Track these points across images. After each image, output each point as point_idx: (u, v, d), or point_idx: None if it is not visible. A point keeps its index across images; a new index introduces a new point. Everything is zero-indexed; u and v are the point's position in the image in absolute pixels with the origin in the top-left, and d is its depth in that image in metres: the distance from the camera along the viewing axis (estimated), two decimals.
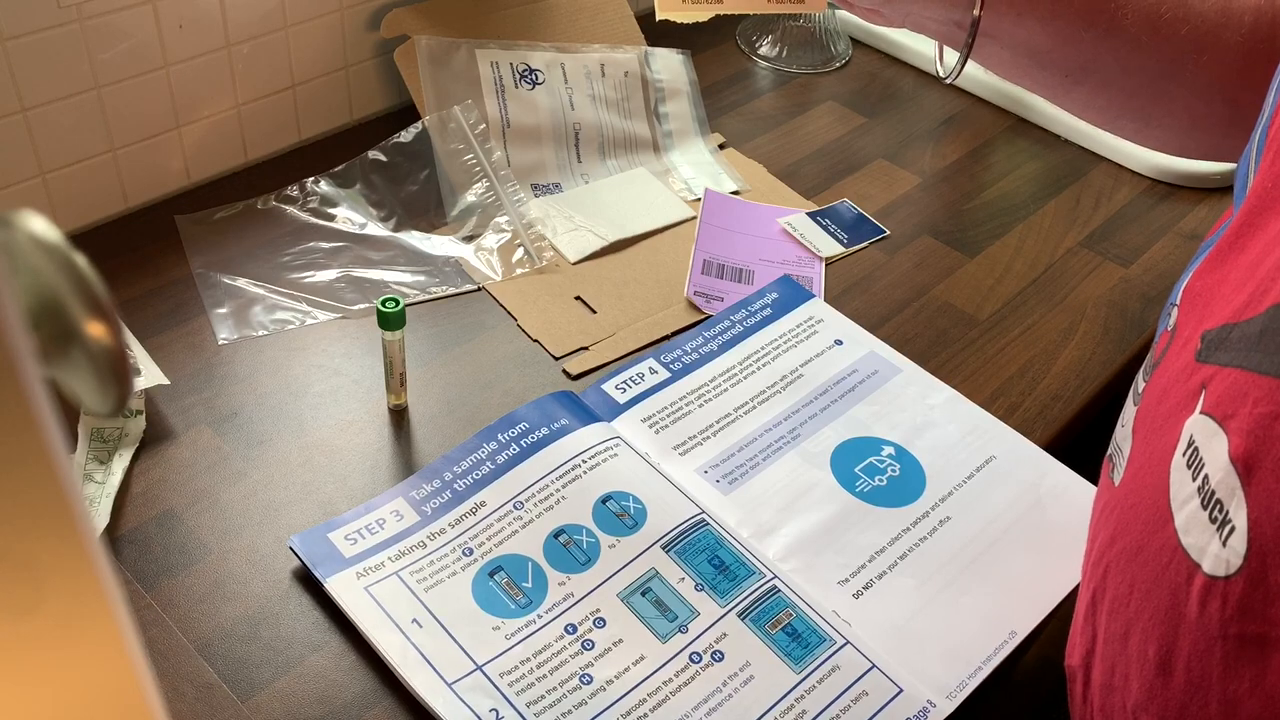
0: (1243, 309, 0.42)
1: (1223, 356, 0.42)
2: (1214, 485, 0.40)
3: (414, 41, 0.92)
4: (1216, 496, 0.40)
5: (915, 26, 0.66)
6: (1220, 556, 0.39)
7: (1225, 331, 0.42)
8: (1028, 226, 0.94)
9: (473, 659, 0.60)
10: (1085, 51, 0.60)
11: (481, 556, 0.65)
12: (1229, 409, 0.40)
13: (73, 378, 0.23)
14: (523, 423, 0.72)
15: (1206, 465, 0.41)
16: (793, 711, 0.59)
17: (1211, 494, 0.40)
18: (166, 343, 0.76)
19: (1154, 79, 0.60)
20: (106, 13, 0.77)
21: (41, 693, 0.24)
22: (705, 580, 0.64)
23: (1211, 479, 0.40)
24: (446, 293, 0.82)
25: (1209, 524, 0.40)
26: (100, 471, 0.67)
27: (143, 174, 0.86)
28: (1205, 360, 0.43)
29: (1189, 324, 0.46)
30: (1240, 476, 0.38)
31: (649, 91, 1.00)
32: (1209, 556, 0.40)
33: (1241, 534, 0.38)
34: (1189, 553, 0.42)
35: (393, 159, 0.90)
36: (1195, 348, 0.44)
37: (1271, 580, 0.37)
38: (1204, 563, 0.41)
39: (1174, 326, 0.50)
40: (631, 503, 0.68)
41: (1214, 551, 0.40)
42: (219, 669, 0.59)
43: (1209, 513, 0.40)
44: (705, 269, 0.86)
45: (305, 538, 0.64)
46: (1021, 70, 0.64)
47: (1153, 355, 0.53)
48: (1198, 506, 0.41)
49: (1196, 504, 0.41)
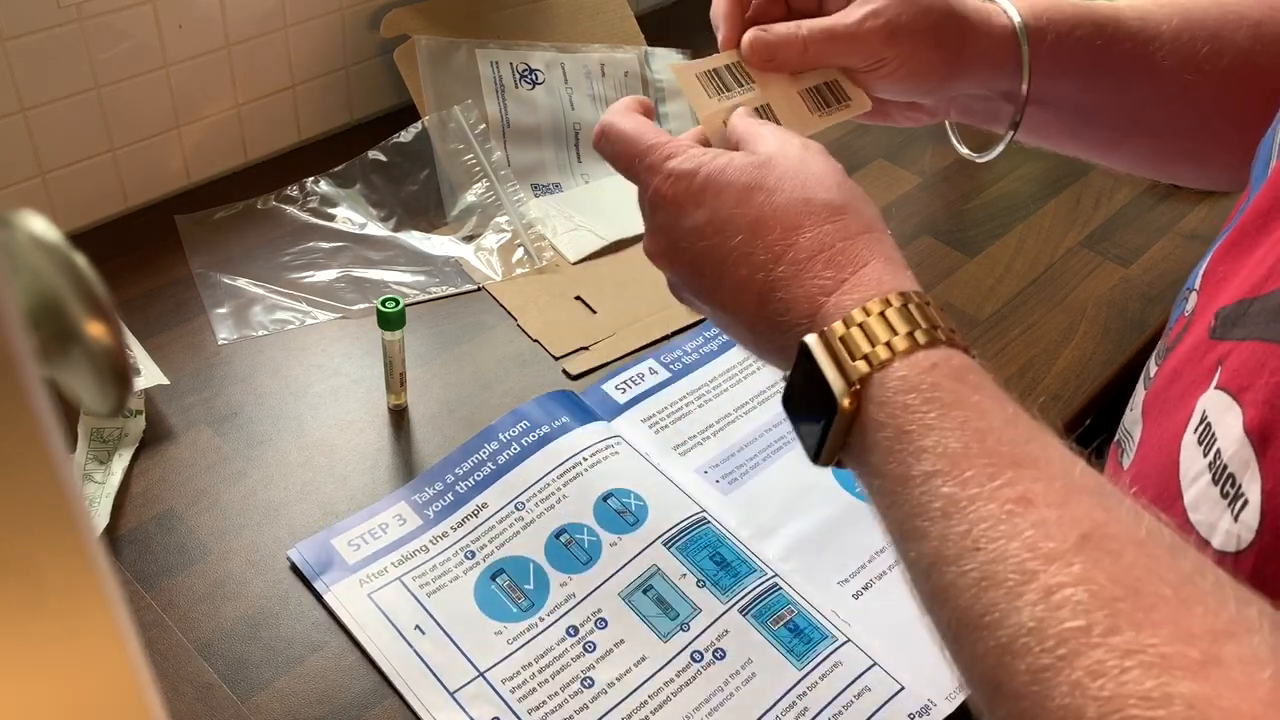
0: (1262, 283, 0.42)
1: (1239, 331, 0.41)
2: (1226, 459, 0.39)
3: (414, 41, 0.92)
4: (1229, 471, 0.39)
5: (960, 111, 0.62)
6: (1231, 532, 0.39)
7: (1242, 307, 0.42)
8: (1028, 226, 0.94)
9: (475, 665, 0.60)
10: (1130, 101, 0.58)
11: (484, 559, 0.65)
12: (1245, 381, 0.39)
13: (72, 378, 0.23)
14: (523, 422, 0.72)
15: (1219, 440, 0.40)
16: (795, 709, 0.59)
17: (1224, 469, 0.40)
18: (166, 343, 0.76)
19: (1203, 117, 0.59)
20: (106, 12, 0.77)
21: (41, 693, 0.24)
22: (707, 576, 0.64)
23: (1224, 453, 0.40)
24: (446, 293, 0.82)
25: (1220, 499, 0.40)
26: (100, 471, 0.67)
27: (143, 174, 0.86)
28: (1221, 337, 0.43)
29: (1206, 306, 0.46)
30: (1255, 448, 0.38)
31: (649, 91, 1.00)
32: (1219, 533, 0.40)
33: (1255, 508, 0.38)
34: (1198, 530, 0.41)
35: (393, 159, 0.90)
36: (1210, 325, 0.44)
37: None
38: (1214, 539, 0.40)
39: (1191, 310, 0.50)
40: (632, 500, 0.68)
41: (1224, 527, 0.39)
42: (219, 669, 0.59)
43: (1220, 488, 0.40)
44: None
45: (308, 544, 0.64)
46: (1070, 132, 0.61)
47: (1166, 339, 0.52)
48: (1208, 483, 0.41)
49: (1207, 480, 0.41)
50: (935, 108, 0.61)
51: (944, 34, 0.54)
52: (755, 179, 0.46)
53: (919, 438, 0.39)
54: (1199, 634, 0.31)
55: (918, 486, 0.38)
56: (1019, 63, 0.56)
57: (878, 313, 0.41)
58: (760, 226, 0.46)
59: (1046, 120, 0.60)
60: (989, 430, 0.38)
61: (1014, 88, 0.57)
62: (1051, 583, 0.33)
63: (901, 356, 0.40)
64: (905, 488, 0.39)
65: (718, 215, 0.47)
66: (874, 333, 0.41)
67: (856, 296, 0.42)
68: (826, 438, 0.42)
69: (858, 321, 0.41)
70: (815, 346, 0.42)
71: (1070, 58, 0.57)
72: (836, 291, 0.43)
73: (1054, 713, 0.32)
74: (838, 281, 0.43)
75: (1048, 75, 0.57)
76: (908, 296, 0.42)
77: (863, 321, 0.41)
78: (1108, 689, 0.31)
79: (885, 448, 0.40)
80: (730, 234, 0.46)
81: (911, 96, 0.58)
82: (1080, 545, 0.34)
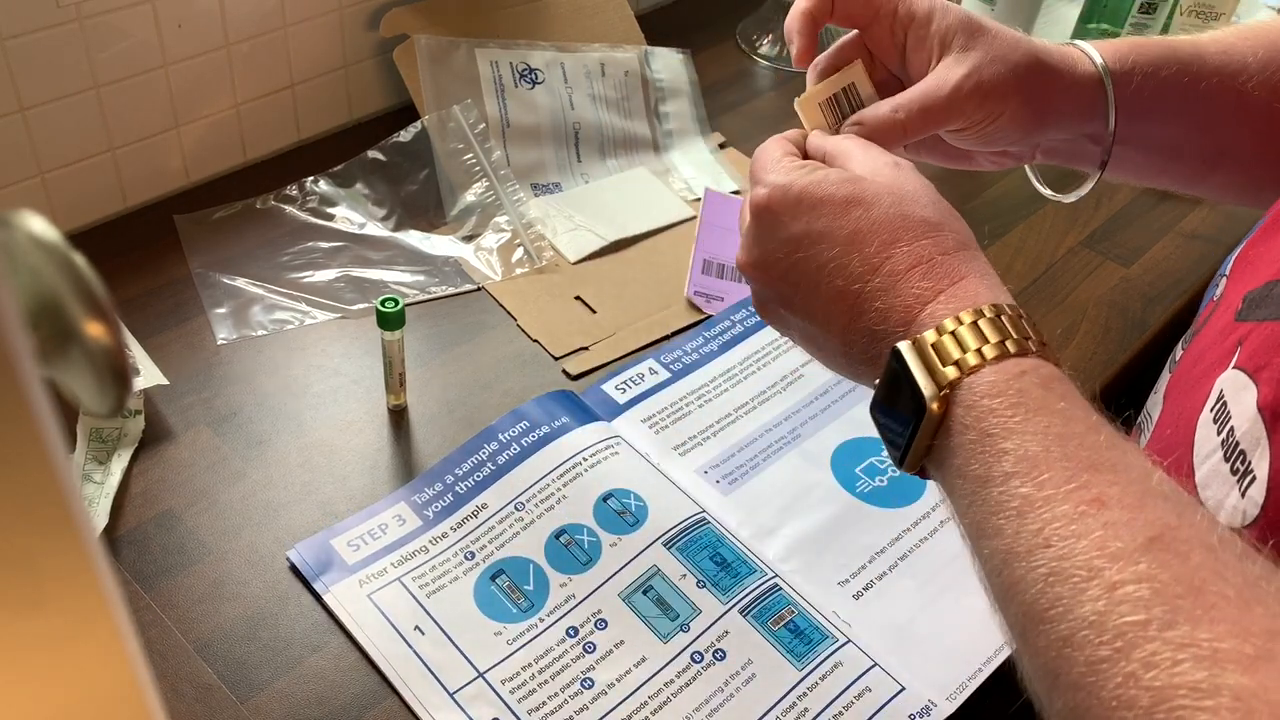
0: None
1: (1261, 313, 0.42)
2: (1239, 436, 0.40)
3: (414, 41, 0.92)
4: (1240, 448, 0.40)
5: (1046, 154, 0.62)
6: (1237, 508, 0.40)
7: (1267, 289, 0.43)
8: (1028, 226, 0.94)
9: (475, 666, 0.60)
10: (1220, 134, 0.58)
11: (483, 560, 0.65)
12: (1262, 360, 0.40)
13: (72, 378, 0.23)
14: (523, 422, 0.72)
15: (1234, 418, 0.41)
16: (795, 710, 0.59)
17: (1235, 445, 0.40)
18: (165, 343, 0.76)
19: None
20: (105, 12, 0.77)
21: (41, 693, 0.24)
22: (707, 577, 0.64)
23: (1237, 430, 0.40)
24: (446, 293, 0.82)
25: (1229, 476, 0.40)
26: (99, 472, 0.66)
27: (142, 174, 0.86)
28: (1244, 319, 0.43)
29: (1234, 290, 0.46)
30: (1267, 425, 0.39)
31: (649, 91, 1.00)
32: (1225, 510, 0.41)
33: (1261, 483, 0.38)
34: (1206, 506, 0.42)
35: (392, 159, 0.90)
36: (1236, 309, 0.45)
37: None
38: (1220, 516, 0.41)
39: (1220, 294, 0.50)
40: (632, 500, 0.67)
41: (1231, 504, 0.40)
42: (218, 669, 0.59)
43: (1230, 464, 0.41)
44: (705, 269, 0.86)
45: (307, 544, 0.64)
46: (1157, 168, 0.61)
47: (1195, 324, 0.52)
48: (1220, 459, 0.41)
49: (1219, 457, 0.41)
50: (1021, 153, 0.61)
51: (1032, 88, 0.54)
52: (852, 193, 0.47)
53: (1001, 440, 0.40)
54: (1256, 632, 0.32)
55: (996, 486, 0.39)
56: (1105, 106, 0.56)
57: (970, 322, 0.42)
58: (857, 239, 0.46)
59: (1133, 158, 0.59)
60: (1070, 435, 0.39)
61: (1100, 130, 0.57)
62: (1115, 579, 0.34)
63: (991, 363, 0.41)
64: (985, 488, 0.40)
65: (814, 227, 0.47)
66: (965, 340, 0.42)
67: (952, 307, 0.44)
68: (913, 442, 0.43)
69: (950, 330, 0.42)
70: (908, 352, 0.43)
71: (1157, 98, 0.56)
72: (932, 302, 0.44)
73: (1107, 703, 0.33)
74: (934, 292, 0.44)
75: (1134, 116, 0.57)
76: (1000, 308, 0.43)
77: (955, 330, 0.42)
78: (1160, 680, 0.32)
79: (969, 450, 0.41)
80: (827, 246, 0.47)
81: (1001, 146, 0.58)
82: (1148, 546, 0.35)
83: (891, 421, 0.45)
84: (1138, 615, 0.33)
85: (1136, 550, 0.35)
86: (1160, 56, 0.57)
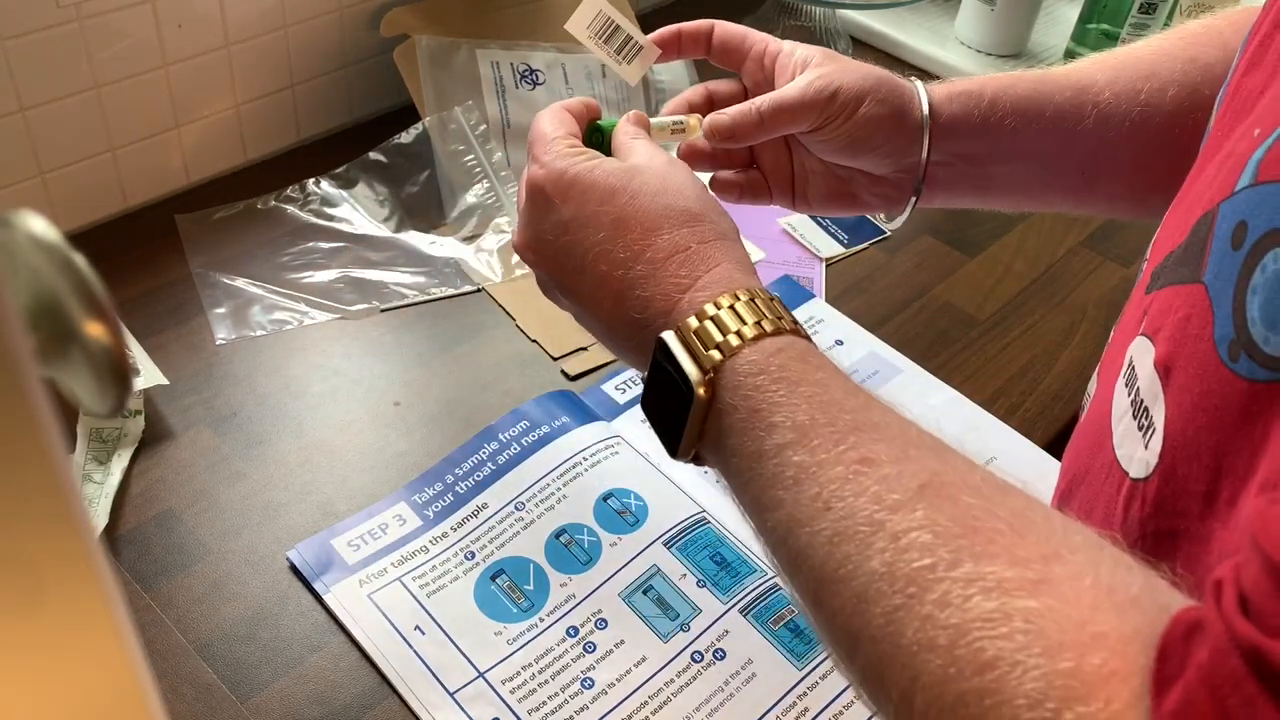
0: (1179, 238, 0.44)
1: (1159, 282, 0.44)
2: (1143, 395, 0.42)
3: (414, 41, 0.92)
4: (1145, 405, 0.42)
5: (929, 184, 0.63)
6: (1143, 459, 0.42)
7: (1165, 262, 0.45)
8: (1028, 226, 0.94)
9: (475, 666, 0.60)
10: (1086, 142, 0.60)
11: (484, 560, 0.65)
12: (1159, 323, 0.42)
13: (72, 378, 0.23)
14: (523, 422, 0.72)
15: (1139, 379, 0.43)
16: (795, 710, 0.59)
17: (1140, 403, 0.42)
18: (165, 343, 0.76)
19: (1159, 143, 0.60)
20: (105, 12, 0.77)
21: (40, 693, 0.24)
22: (707, 577, 0.64)
23: (1142, 390, 0.42)
24: (446, 293, 0.82)
25: (1137, 432, 0.42)
26: (99, 472, 0.66)
27: (142, 173, 0.86)
28: (1150, 290, 0.45)
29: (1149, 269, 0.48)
30: (1161, 380, 0.41)
31: (650, 92, 1.00)
32: (1135, 463, 0.42)
33: (1159, 434, 0.40)
34: (1121, 463, 0.44)
35: (393, 160, 0.90)
36: (1146, 285, 0.47)
37: (1180, 473, 0.39)
38: (1130, 469, 0.43)
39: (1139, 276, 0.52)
40: (632, 500, 0.67)
41: (1139, 456, 0.42)
42: (218, 669, 0.59)
43: (1138, 421, 0.43)
44: None
45: (307, 544, 0.64)
46: (1041, 182, 0.63)
47: None
48: (1130, 418, 0.43)
49: (1130, 417, 0.43)
50: (900, 179, 0.62)
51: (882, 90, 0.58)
52: (620, 182, 0.50)
53: (769, 414, 0.42)
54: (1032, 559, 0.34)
55: (771, 459, 0.41)
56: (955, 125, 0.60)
57: (728, 305, 0.45)
58: (622, 225, 0.49)
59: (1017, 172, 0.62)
60: (831, 402, 0.41)
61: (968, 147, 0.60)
62: (897, 529, 0.36)
63: (750, 343, 0.43)
64: (759, 462, 0.42)
65: (583, 211, 0.50)
66: (725, 323, 0.44)
67: (708, 293, 0.46)
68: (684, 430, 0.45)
69: (710, 315, 0.44)
70: (671, 340, 0.45)
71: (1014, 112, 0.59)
72: (691, 289, 0.46)
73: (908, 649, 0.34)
74: (692, 279, 0.47)
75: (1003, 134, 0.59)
76: (754, 292, 0.45)
77: (714, 315, 0.44)
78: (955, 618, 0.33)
79: (739, 428, 0.43)
80: (593, 230, 0.49)
81: (872, 155, 0.60)
82: (920, 493, 0.37)
83: (661, 412, 0.46)
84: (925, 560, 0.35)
85: (911, 499, 0.37)
86: (1009, 78, 0.60)
